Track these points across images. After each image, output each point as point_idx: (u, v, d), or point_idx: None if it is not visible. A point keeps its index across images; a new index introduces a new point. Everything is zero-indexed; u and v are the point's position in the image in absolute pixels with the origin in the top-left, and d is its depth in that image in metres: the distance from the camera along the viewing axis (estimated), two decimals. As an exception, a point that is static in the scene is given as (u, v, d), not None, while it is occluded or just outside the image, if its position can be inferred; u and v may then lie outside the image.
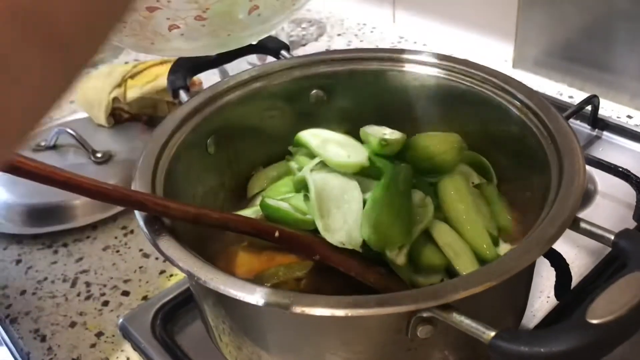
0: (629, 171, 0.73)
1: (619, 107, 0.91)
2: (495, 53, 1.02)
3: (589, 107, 0.84)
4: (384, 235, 0.49)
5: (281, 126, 0.65)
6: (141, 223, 0.46)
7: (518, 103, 0.55)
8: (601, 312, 0.34)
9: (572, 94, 0.94)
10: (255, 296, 0.39)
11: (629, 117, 0.89)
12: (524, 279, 0.49)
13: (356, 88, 0.64)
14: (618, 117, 0.89)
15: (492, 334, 0.36)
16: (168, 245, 0.44)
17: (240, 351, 0.50)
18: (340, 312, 0.37)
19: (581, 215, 0.44)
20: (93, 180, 0.43)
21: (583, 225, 0.43)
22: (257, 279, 0.52)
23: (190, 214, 0.46)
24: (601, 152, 0.82)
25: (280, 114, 0.64)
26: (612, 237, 0.41)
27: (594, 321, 0.34)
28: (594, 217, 0.46)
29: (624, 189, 0.74)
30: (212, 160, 0.60)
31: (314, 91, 0.64)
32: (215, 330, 0.52)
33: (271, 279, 0.55)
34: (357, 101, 0.65)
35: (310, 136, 0.60)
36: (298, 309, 0.38)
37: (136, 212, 0.47)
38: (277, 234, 0.50)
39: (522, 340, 0.35)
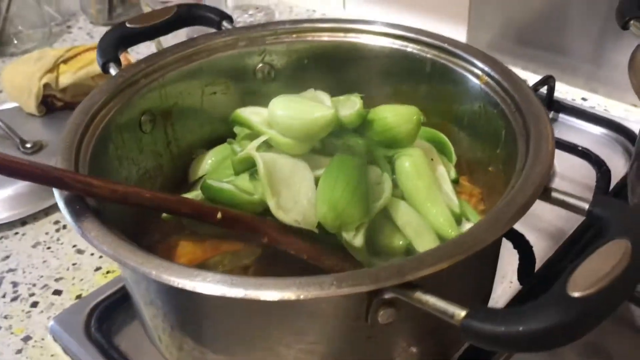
0: (588, 150, 0.71)
1: (573, 90, 0.90)
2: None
3: (544, 90, 0.82)
4: (341, 214, 0.44)
5: (224, 105, 0.60)
6: (61, 203, 0.40)
7: (479, 72, 0.52)
8: (583, 283, 0.31)
9: (527, 77, 0.92)
10: (193, 281, 0.34)
11: (584, 99, 0.88)
12: (492, 256, 0.46)
13: (306, 62, 0.60)
14: (573, 100, 0.87)
15: (464, 313, 0.32)
16: (92, 227, 0.38)
17: (182, 351, 0.44)
18: (290, 295, 0.32)
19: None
20: (5, 155, 0.37)
21: (555, 194, 0.40)
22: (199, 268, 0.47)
23: (117, 192, 0.41)
24: (558, 134, 0.79)
25: (223, 90, 0.59)
26: (587, 206, 0.38)
27: (576, 294, 0.30)
28: (554, 202, 0.43)
29: (583, 170, 0.72)
30: (147, 141, 0.55)
31: (260, 66, 0.60)
32: (154, 331, 0.47)
33: (215, 268, 0.50)
34: (307, 76, 0.60)
35: (251, 114, 0.55)
36: (243, 293, 0.33)
37: (55, 191, 0.41)
38: (219, 215, 0.45)
39: (498, 318, 0.30)
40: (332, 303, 0.36)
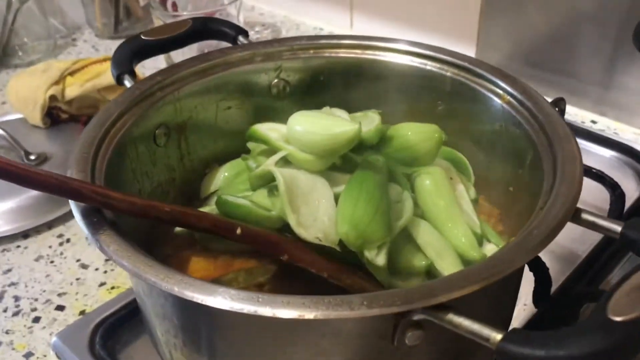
0: (602, 172, 0.70)
1: (582, 113, 0.89)
2: (456, 58, 0.99)
3: (554, 111, 0.82)
4: (363, 232, 0.43)
5: (239, 120, 0.59)
6: (78, 216, 0.38)
7: (500, 91, 0.51)
8: (625, 308, 0.30)
9: (536, 99, 0.92)
10: (218, 298, 0.33)
11: (593, 122, 0.88)
12: (516, 279, 0.44)
13: (322, 79, 0.59)
14: (582, 122, 0.87)
15: (500, 336, 0.31)
16: (110, 240, 0.37)
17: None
18: (318, 314, 0.31)
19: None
20: (19, 163, 0.36)
21: (585, 216, 0.39)
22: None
23: (136, 205, 0.40)
24: (569, 156, 0.79)
25: (238, 105, 0.58)
26: (619, 228, 0.37)
27: (618, 319, 0.29)
28: (568, 224, 0.42)
29: (596, 193, 0.71)
30: (161, 154, 0.54)
31: (275, 81, 0.59)
32: (165, 346, 0.45)
33: (229, 286, 0.48)
34: (323, 93, 0.59)
35: (268, 130, 0.54)
36: (271, 312, 0.32)
37: (72, 203, 0.39)
38: (239, 230, 0.44)
39: (537, 342, 0.29)
40: (358, 323, 0.35)
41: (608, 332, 0.29)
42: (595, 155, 0.80)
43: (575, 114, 0.89)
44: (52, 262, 0.69)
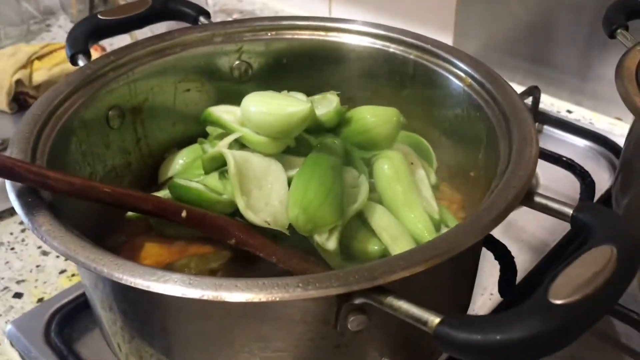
0: (572, 161, 0.69)
1: (559, 102, 0.88)
2: (433, 46, 0.98)
3: (529, 100, 0.81)
4: (313, 215, 0.42)
5: (199, 103, 0.57)
6: (12, 196, 0.37)
7: (462, 74, 0.50)
8: (565, 290, 0.28)
9: (512, 89, 0.91)
10: (148, 281, 0.32)
11: (569, 111, 0.87)
12: (470, 263, 0.43)
13: (285, 61, 0.58)
14: (558, 112, 0.86)
15: (438, 320, 0.29)
16: (44, 220, 0.35)
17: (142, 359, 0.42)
18: (252, 296, 0.30)
19: (524, 210, 0.39)
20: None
21: (538, 199, 0.38)
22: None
23: (75, 185, 0.38)
24: (542, 145, 0.78)
25: (198, 88, 0.57)
26: (571, 211, 0.36)
27: (558, 301, 0.28)
28: (538, 213, 0.41)
29: (567, 182, 0.71)
30: (115, 137, 0.52)
31: (237, 63, 0.57)
32: (113, 338, 0.44)
33: (181, 271, 0.47)
34: (286, 76, 0.58)
35: (223, 112, 0.52)
36: (201, 294, 0.30)
37: (8, 183, 0.38)
38: (184, 213, 0.42)
39: (475, 326, 0.28)
40: (298, 307, 0.34)
41: (547, 316, 0.28)
42: (569, 145, 0.79)
43: (551, 103, 0.88)
44: (12, 248, 0.67)
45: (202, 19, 0.58)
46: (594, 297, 0.28)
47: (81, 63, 0.52)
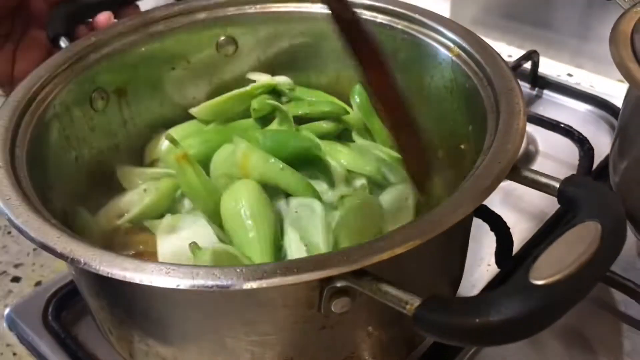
0: (571, 127, 0.68)
1: (559, 65, 0.87)
2: (430, 11, 0.96)
3: (528, 65, 0.79)
4: None
5: (185, 81, 0.56)
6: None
7: (451, 44, 0.48)
8: (547, 271, 0.28)
9: (511, 53, 0.89)
10: (125, 271, 0.31)
11: (570, 75, 0.85)
12: (458, 239, 0.43)
13: (271, 35, 0.56)
14: (558, 76, 0.84)
15: (417, 303, 0.29)
16: (21, 211, 0.35)
17: (132, 344, 0.42)
18: (229, 283, 0.30)
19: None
20: None
21: (524, 173, 0.37)
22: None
23: None
24: (542, 111, 0.77)
25: (184, 66, 0.56)
26: (558, 185, 0.35)
27: (539, 282, 0.27)
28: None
29: (566, 148, 0.69)
30: (101, 119, 0.51)
31: (222, 39, 0.56)
32: (103, 324, 0.44)
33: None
34: (271, 51, 0.57)
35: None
36: (176, 283, 0.30)
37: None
38: None
39: (454, 309, 0.28)
40: (281, 292, 0.34)
41: (527, 297, 0.27)
42: (570, 109, 0.78)
43: (552, 66, 0.86)
44: (9, 232, 0.67)
45: (185, -5, 0.57)
46: (576, 276, 0.28)
47: (63, 45, 0.51)
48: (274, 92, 0.56)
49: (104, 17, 0.51)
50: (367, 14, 0.53)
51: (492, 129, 0.40)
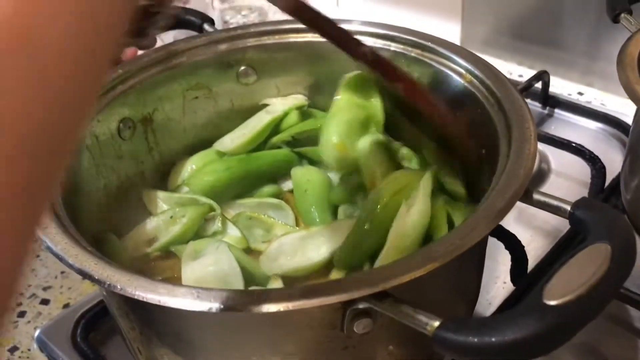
0: (582, 146, 0.69)
1: (569, 85, 0.88)
2: (442, 33, 0.97)
3: (539, 85, 0.80)
4: None
5: (208, 109, 0.59)
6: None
7: (462, 70, 0.50)
8: (559, 291, 0.29)
9: (522, 73, 0.91)
10: (160, 296, 0.33)
11: (580, 93, 0.86)
12: (474, 260, 0.44)
13: (289, 63, 0.58)
14: (569, 95, 0.85)
15: (436, 324, 0.30)
16: (59, 239, 0.37)
17: (161, 363, 0.43)
18: (255, 308, 0.31)
19: (535, 195, 0.39)
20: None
21: (536, 196, 0.38)
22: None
23: None
24: (553, 130, 0.78)
25: (206, 94, 0.58)
26: (569, 208, 0.36)
27: (552, 302, 0.29)
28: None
29: (578, 167, 0.70)
30: (127, 148, 0.54)
31: (242, 69, 0.58)
32: (132, 343, 0.46)
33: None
34: (290, 78, 0.59)
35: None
36: (208, 306, 0.32)
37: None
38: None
39: (471, 329, 0.29)
40: (305, 314, 0.35)
41: (541, 317, 0.28)
42: (581, 128, 0.79)
43: (561, 86, 0.87)
44: (37, 256, 0.69)
45: (206, 27, 0.59)
46: (587, 297, 0.29)
47: (91, 78, 0.54)
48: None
49: (130, 52, 0.54)
50: (380, 43, 0.55)
51: (505, 154, 0.41)
